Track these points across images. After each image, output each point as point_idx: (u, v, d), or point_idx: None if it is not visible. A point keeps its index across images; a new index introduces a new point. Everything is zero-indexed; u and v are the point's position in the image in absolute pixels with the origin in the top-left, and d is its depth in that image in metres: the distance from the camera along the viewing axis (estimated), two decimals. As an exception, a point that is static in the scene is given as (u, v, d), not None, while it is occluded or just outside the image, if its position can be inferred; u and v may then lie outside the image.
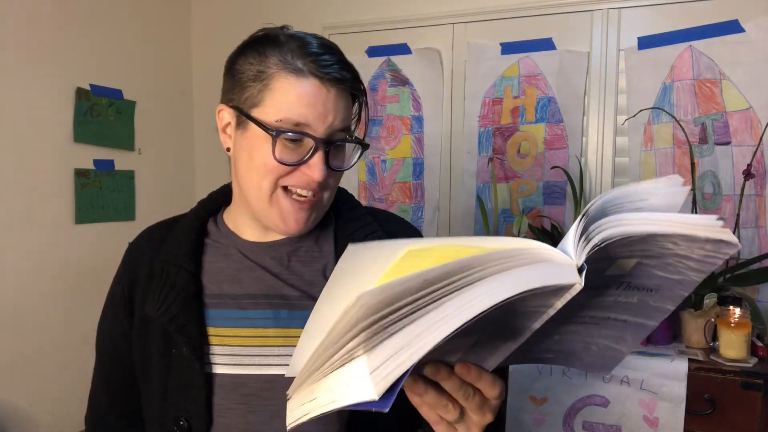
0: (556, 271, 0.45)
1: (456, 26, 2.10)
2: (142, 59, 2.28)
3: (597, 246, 0.45)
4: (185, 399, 0.77)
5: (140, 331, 0.82)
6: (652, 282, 0.52)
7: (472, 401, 0.55)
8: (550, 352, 0.59)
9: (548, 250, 0.47)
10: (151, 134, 2.30)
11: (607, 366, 0.61)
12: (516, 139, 2.03)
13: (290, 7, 2.32)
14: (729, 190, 1.75)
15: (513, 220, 2.00)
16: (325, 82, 0.73)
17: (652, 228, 0.45)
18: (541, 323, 0.49)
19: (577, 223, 0.47)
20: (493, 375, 0.56)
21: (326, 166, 0.74)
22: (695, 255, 0.49)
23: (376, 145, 2.24)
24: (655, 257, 0.49)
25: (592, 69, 1.92)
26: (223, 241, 0.85)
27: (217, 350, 0.78)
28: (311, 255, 0.84)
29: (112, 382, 0.89)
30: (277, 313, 0.79)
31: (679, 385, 1.42)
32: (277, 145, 0.73)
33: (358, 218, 0.86)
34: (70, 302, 1.99)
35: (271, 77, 0.73)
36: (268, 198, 0.76)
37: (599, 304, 0.53)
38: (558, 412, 1.56)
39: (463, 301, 0.43)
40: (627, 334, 0.57)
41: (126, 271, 0.86)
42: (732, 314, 1.46)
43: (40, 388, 1.91)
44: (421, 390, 0.53)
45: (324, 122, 0.73)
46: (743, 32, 1.72)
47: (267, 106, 0.73)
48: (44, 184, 1.92)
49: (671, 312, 0.56)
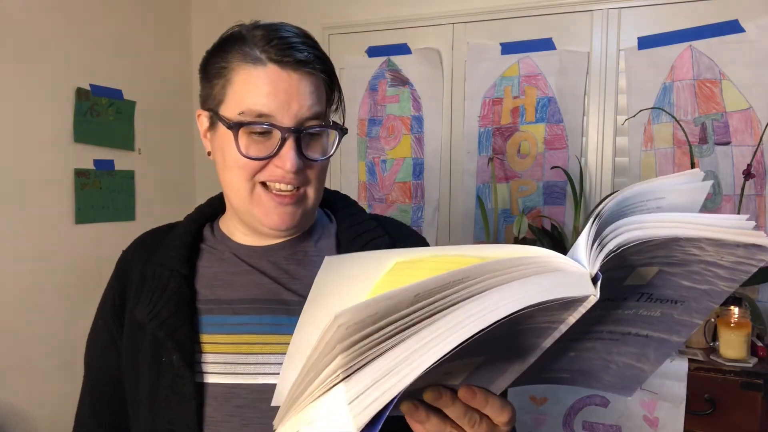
0: (568, 281, 0.39)
1: (456, 26, 2.10)
2: (142, 59, 2.28)
3: (612, 252, 0.40)
4: (175, 411, 0.71)
5: (130, 339, 0.78)
6: (676, 293, 0.47)
7: (479, 428, 0.50)
8: (566, 371, 0.54)
9: (557, 258, 0.41)
10: (151, 134, 2.30)
11: (628, 387, 0.56)
12: (516, 139, 2.03)
13: (290, 7, 2.32)
14: (729, 190, 1.75)
15: (513, 220, 1.99)
16: (285, 67, 0.69)
17: (675, 231, 0.40)
18: (552, 341, 0.44)
19: (588, 226, 0.42)
20: (502, 399, 0.51)
21: (299, 156, 0.70)
22: (724, 262, 0.43)
23: (377, 145, 2.24)
24: (678, 265, 0.44)
25: (592, 69, 1.92)
26: (219, 246, 0.82)
27: (210, 358, 0.74)
28: (311, 259, 0.80)
29: (100, 397, 0.84)
30: (275, 318, 0.75)
31: (679, 385, 1.42)
32: (245, 140, 0.70)
33: (361, 222, 0.83)
34: (70, 302, 1.99)
35: (231, 71, 0.71)
36: (249, 197, 0.73)
37: (618, 318, 0.48)
38: (558, 412, 1.56)
39: (458, 318, 0.38)
40: (649, 351, 0.52)
41: (117, 278, 0.83)
42: (732, 314, 1.46)
43: (40, 388, 1.91)
44: (423, 417, 0.49)
45: (288, 110, 0.69)
46: (743, 32, 1.72)
47: (230, 101, 0.71)
48: (44, 184, 1.92)
49: (698, 326, 0.51)
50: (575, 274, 0.40)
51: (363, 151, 2.26)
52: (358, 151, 2.27)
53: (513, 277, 0.39)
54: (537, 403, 1.58)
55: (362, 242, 0.80)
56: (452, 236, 2.14)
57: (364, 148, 2.26)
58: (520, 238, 1.84)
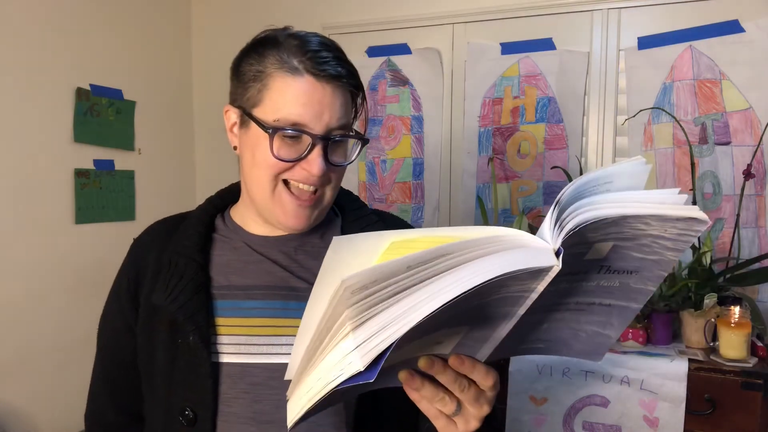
0: (534, 254, 0.46)
1: (456, 26, 2.09)
2: (142, 59, 2.27)
3: (571, 231, 0.46)
4: (191, 389, 0.77)
5: (145, 323, 0.83)
6: (630, 264, 0.53)
7: (468, 393, 0.56)
8: (540, 341, 0.61)
9: (526, 236, 0.49)
10: (151, 134, 2.30)
11: (597, 352, 0.62)
12: (516, 139, 2.03)
13: (290, 7, 2.32)
14: (729, 190, 1.75)
15: (513, 220, 1.99)
16: (321, 80, 0.75)
17: (623, 210, 0.47)
18: (525, 308, 0.50)
19: (551, 210, 0.49)
20: (487, 365, 0.57)
21: (325, 162, 0.76)
22: (668, 234, 0.50)
23: (377, 145, 2.24)
24: (629, 239, 0.51)
25: (592, 69, 1.92)
26: (231, 236, 0.86)
27: (225, 339, 0.79)
28: (318, 250, 0.85)
29: (113, 378, 0.89)
30: (286, 303, 0.80)
31: (679, 385, 1.42)
32: (276, 143, 0.75)
33: (364, 216, 0.90)
34: (70, 302, 1.99)
35: (269, 76, 0.75)
36: (271, 194, 0.78)
37: (583, 290, 0.54)
38: (558, 412, 1.56)
39: (446, 282, 0.44)
40: (613, 318, 0.59)
41: (131, 264, 0.87)
42: (732, 314, 1.46)
43: (40, 388, 1.91)
44: (418, 384, 0.55)
45: (320, 120, 0.75)
46: (743, 32, 1.72)
47: (266, 105, 0.76)
48: (44, 184, 1.92)
49: (653, 293, 0.57)
50: (540, 248, 0.47)
51: (363, 151, 2.25)
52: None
53: (488, 252, 0.46)
54: (537, 403, 1.58)
55: None
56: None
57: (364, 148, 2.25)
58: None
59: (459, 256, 0.45)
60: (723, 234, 1.75)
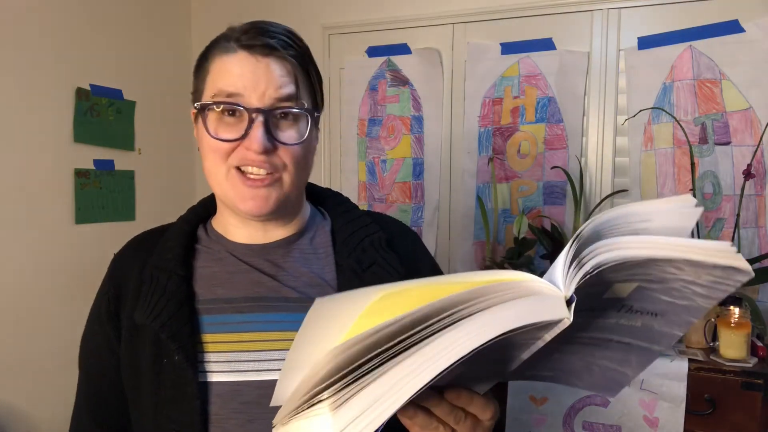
0: (542, 306, 0.42)
1: (456, 26, 2.09)
2: (142, 59, 2.27)
3: (588, 273, 0.41)
4: (178, 410, 0.72)
5: (129, 343, 0.78)
6: (655, 306, 0.48)
7: (463, 425, 0.53)
8: (550, 370, 0.57)
9: (533, 282, 0.44)
10: (151, 134, 2.30)
11: (611, 388, 0.57)
12: (516, 139, 2.03)
13: (290, 7, 2.32)
14: (729, 190, 1.75)
15: (513, 220, 1.99)
16: (255, 52, 0.72)
17: (650, 252, 0.41)
18: (530, 354, 0.47)
19: (567, 248, 0.44)
20: (486, 397, 0.54)
21: (268, 139, 0.71)
22: (702, 281, 0.44)
23: (376, 145, 2.24)
24: (657, 282, 0.45)
25: (592, 69, 1.92)
26: (215, 246, 0.82)
27: (213, 357, 0.74)
28: (306, 257, 0.81)
29: (97, 399, 0.83)
30: (276, 315, 0.76)
31: (679, 385, 1.42)
32: (214, 122, 0.73)
33: (356, 219, 0.84)
34: (70, 302, 1.99)
35: (210, 63, 0.76)
36: (224, 180, 0.75)
37: (600, 326, 0.50)
38: (558, 412, 1.56)
39: (442, 345, 0.40)
40: (632, 357, 0.54)
41: (111, 284, 0.82)
42: (732, 314, 1.46)
43: (40, 388, 1.91)
44: (411, 414, 0.52)
45: (255, 90, 0.71)
46: (743, 32, 1.72)
47: (207, 91, 0.75)
48: (44, 184, 1.92)
49: (680, 338, 0.51)
50: (550, 297, 0.42)
51: (363, 151, 2.26)
52: (358, 151, 2.26)
53: (493, 303, 0.41)
54: (537, 403, 1.58)
55: (358, 239, 0.81)
56: (452, 236, 2.14)
57: (364, 148, 2.26)
58: (520, 238, 1.85)
59: (461, 311, 0.41)
60: (723, 234, 1.75)
